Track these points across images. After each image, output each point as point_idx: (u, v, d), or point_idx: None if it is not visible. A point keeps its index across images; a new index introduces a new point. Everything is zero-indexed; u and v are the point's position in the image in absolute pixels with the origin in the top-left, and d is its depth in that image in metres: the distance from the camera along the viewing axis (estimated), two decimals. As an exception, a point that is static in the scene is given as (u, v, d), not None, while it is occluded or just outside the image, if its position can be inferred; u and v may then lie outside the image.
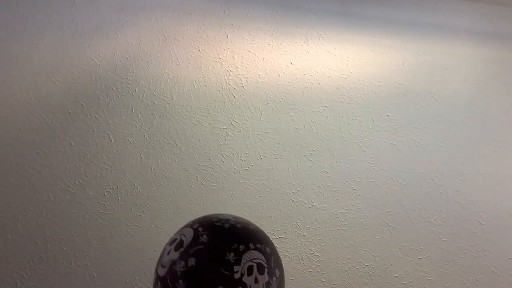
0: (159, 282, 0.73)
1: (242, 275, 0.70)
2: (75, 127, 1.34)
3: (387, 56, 1.62)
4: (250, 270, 0.71)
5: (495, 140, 1.69)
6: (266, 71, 1.50)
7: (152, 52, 1.42)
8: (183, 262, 0.73)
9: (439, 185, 1.61)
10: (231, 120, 1.46)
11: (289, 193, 1.48)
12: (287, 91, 1.51)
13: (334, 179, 1.52)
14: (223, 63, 1.47)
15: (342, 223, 1.52)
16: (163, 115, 1.41)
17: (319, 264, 1.49)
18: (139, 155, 1.38)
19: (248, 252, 0.73)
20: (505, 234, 1.65)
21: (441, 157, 1.63)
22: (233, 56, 1.48)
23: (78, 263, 1.30)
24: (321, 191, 1.51)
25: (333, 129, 1.54)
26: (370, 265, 1.53)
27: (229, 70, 1.47)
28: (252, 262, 0.72)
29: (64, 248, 1.30)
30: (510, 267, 1.64)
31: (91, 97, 1.36)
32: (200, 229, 0.78)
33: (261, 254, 0.75)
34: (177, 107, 1.42)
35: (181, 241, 0.76)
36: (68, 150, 1.33)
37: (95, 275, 1.31)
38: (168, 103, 1.41)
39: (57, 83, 1.34)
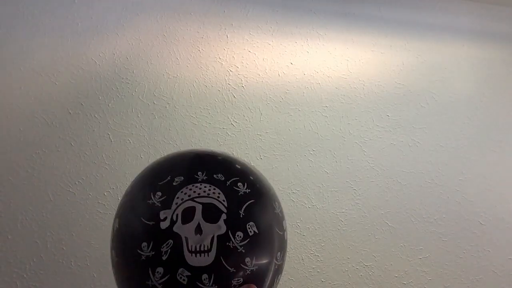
0: None
1: (173, 222, 0.48)
2: (75, 127, 1.34)
3: (387, 56, 1.62)
4: (187, 215, 0.48)
5: (495, 140, 1.69)
6: (266, 71, 1.50)
7: (152, 52, 1.42)
8: (112, 233, 0.55)
9: (439, 185, 1.61)
10: (231, 120, 1.46)
11: (289, 193, 1.48)
12: (287, 91, 1.51)
13: (334, 179, 1.52)
14: (223, 63, 1.47)
15: (342, 223, 1.52)
16: (163, 115, 1.41)
17: (319, 264, 1.49)
18: (139, 155, 1.38)
19: (189, 186, 0.50)
20: (505, 234, 1.65)
21: (441, 157, 1.63)
22: (233, 56, 1.48)
23: (78, 263, 1.30)
24: (321, 191, 1.51)
25: (333, 129, 1.54)
26: (370, 265, 1.53)
27: (229, 70, 1.47)
28: (195, 202, 0.49)
29: (64, 248, 1.30)
30: (510, 267, 1.64)
31: (91, 97, 1.36)
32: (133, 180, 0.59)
33: (215, 188, 0.51)
34: (177, 107, 1.42)
35: None
36: (68, 150, 1.33)
37: (95, 275, 1.31)
38: (168, 103, 1.41)
39: (57, 83, 1.34)
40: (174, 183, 0.51)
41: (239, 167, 0.57)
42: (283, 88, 1.51)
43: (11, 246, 1.26)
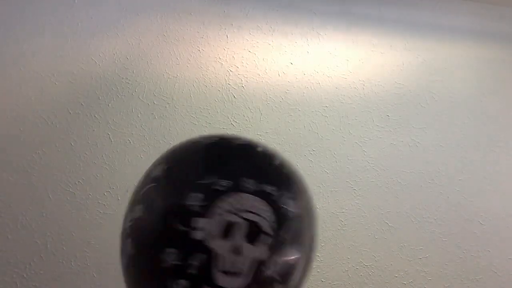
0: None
1: (208, 235, 0.42)
2: (75, 127, 1.34)
3: (387, 56, 1.62)
4: (228, 230, 0.42)
5: (495, 140, 1.69)
6: (266, 71, 1.50)
7: (152, 52, 1.42)
8: (129, 215, 0.50)
9: (439, 185, 1.61)
10: (231, 120, 1.46)
11: (289, 193, 1.48)
12: (287, 91, 1.51)
13: (334, 179, 1.52)
14: (223, 63, 1.47)
15: (342, 223, 1.52)
16: (163, 115, 1.41)
17: (319, 264, 1.48)
18: (139, 155, 1.38)
19: (235, 196, 0.43)
20: (505, 234, 1.65)
21: (441, 157, 1.63)
22: (233, 56, 1.48)
23: (78, 263, 1.30)
24: (321, 191, 1.51)
25: (333, 129, 1.54)
26: (370, 265, 1.53)
27: (229, 70, 1.47)
28: (240, 217, 0.43)
29: (64, 248, 1.30)
30: (510, 267, 1.64)
31: (91, 97, 1.36)
32: (163, 160, 0.51)
33: (267, 205, 0.44)
34: (177, 107, 1.42)
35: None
36: (68, 150, 1.33)
37: (95, 275, 1.31)
38: (168, 103, 1.41)
39: (57, 83, 1.34)
40: (220, 188, 0.43)
41: (291, 176, 0.51)
42: (283, 88, 1.51)
43: (11, 246, 1.26)
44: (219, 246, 0.42)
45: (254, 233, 0.43)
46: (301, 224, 0.48)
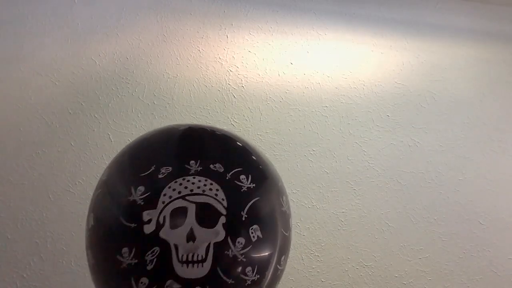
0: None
1: (159, 225, 0.39)
2: (75, 127, 1.34)
3: (387, 56, 1.62)
4: (175, 217, 0.39)
5: (495, 140, 1.69)
6: (266, 71, 1.50)
7: (152, 52, 1.42)
8: (86, 226, 0.47)
9: (439, 185, 1.61)
10: (231, 120, 1.46)
11: (289, 193, 1.48)
12: (287, 91, 1.51)
13: (334, 179, 1.52)
14: (223, 63, 1.47)
15: (342, 223, 1.52)
16: (163, 115, 1.41)
17: (319, 264, 1.49)
18: (139, 155, 1.37)
19: (178, 180, 0.40)
20: (505, 234, 1.65)
21: (441, 157, 1.63)
22: (233, 56, 1.48)
23: (78, 263, 1.30)
24: (321, 191, 1.51)
25: (333, 129, 1.54)
26: (370, 265, 1.53)
27: (229, 70, 1.47)
28: (186, 201, 0.39)
29: (64, 248, 1.30)
30: (510, 267, 1.64)
31: (91, 97, 1.36)
32: (109, 164, 0.49)
33: (212, 183, 0.40)
34: (177, 107, 1.42)
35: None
36: (68, 150, 1.33)
37: (95, 275, 1.31)
38: (168, 103, 1.41)
39: (57, 83, 1.34)
40: (160, 175, 0.40)
41: (241, 149, 0.47)
42: (283, 88, 1.51)
43: (11, 246, 1.26)
44: (172, 235, 0.39)
45: (205, 215, 0.40)
46: (262, 198, 0.44)
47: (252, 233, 0.41)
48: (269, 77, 1.50)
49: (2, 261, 1.25)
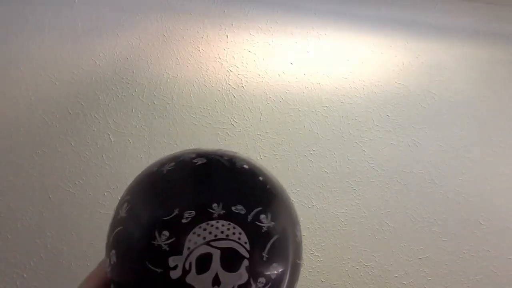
0: None
1: (185, 272, 0.40)
2: (75, 127, 1.34)
3: (387, 56, 1.62)
4: (200, 263, 0.40)
5: (495, 140, 1.69)
6: (266, 71, 1.50)
7: (152, 52, 1.42)
8: (106, 259, 0.48)
9: (439, 185, 1.61)
10: (231, 120, 1.46)
11: (289, 193, 1.48)
12: (287, 91, 1.51)
13: (334, 179, 1.52)
14: (223, 63, 1.47)
15: (342, 223, 1.52)
16: (163, 115, 1.41)
17: (319, 264, 1.49)
18: (139, 155, 1.38)
19: (202, 225, 0.41)
20: (505, 234, 1.65)
21: (441, 157, 1.63)
22: (233, 56, 1.48)
23: (78, 263, 1.30)
24: (321, 191, 1.51)
25: (333, 129, 1.54)
26: (370, 265, 1.53)
27: (229, 70, 1.47)
28: (211, 247, 0.41)
29: (64, 248, 1.30)
30: (510, 267, 1.64)
31: (91, 97, 1.36)
32: (127, 196, 0.49)
33: (237, 227, 0.42)
34: (177, 107, 1.42)
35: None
36: (68, 150, 1.33)
37: (95, 275, 1.31)
38: (168, 103, 1.41)
39: (57, 83, 1.34)
40: (184, 220, 0.41)
41: (260, 183, 0.49)
42: (283, 88, 1.51)
43: (11, 246, 1.26)
44: (197, 281, 0.40)
45: (230, 259, 0.41)
46: (281, 235, 0.45)
47: (272, 271, 0.43)
48: (269, 77, 1.50)
49: (2, 261, 1.25)
